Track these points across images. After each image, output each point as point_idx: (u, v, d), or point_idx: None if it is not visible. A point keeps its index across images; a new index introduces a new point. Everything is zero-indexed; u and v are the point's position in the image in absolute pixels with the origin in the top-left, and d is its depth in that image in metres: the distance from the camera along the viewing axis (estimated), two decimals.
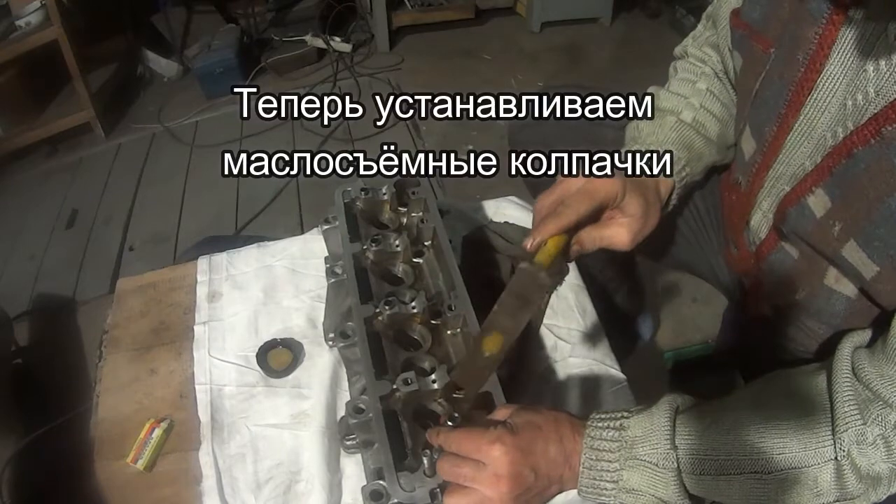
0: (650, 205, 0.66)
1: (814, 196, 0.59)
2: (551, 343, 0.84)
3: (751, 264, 0.75)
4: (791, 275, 0.69)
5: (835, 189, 0.57)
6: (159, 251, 1.84)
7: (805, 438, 0.51)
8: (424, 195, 0.84)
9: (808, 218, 0.61)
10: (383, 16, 2.56)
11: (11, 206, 2.09)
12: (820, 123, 0.58)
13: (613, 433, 0.56)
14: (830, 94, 0.56)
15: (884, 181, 0.51)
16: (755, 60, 0.65)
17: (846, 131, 0.55)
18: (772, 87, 0.63)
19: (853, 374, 0.52)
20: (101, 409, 0.81)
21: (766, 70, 0.63)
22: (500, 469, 0.53)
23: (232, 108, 2.41)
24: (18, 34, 2.04)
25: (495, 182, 1.93)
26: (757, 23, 0.64)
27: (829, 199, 0.58)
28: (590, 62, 2.58)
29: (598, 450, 0.56)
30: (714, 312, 1.45)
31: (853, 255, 0.57)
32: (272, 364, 0.82)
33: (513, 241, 0.91)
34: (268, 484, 0.71)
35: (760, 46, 0.64)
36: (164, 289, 0.95)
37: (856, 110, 0.54)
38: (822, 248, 0.61)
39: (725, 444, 0.54)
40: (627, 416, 0.58)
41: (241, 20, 2.70)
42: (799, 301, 0.69)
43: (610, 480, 0.55)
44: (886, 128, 0.50)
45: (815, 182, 0.59)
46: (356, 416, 0.62)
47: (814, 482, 0.51)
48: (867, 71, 0.52)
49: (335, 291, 0.82)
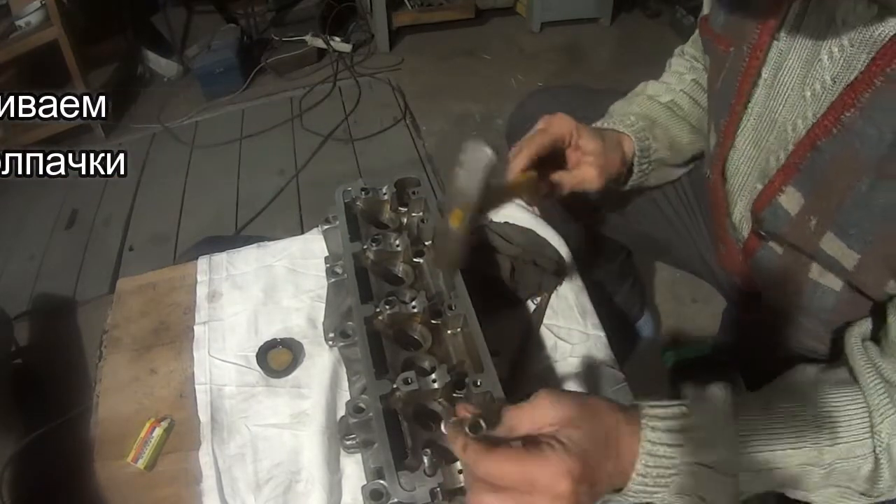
0: (608, 145, 0.74)
1: (785, 195, 0.60)
2: (551, 343, 0.84)
3: (739, 262, 0.76)
4: (778, 271, 0.69)
5: (805, 184, 0.58)
6: (159, 251, 1.84)
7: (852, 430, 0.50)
8: (425, 195, 0.84)
9: (783, 217, 0.61)
10: (383, 16, 2.56)
11: (11, 206, 2.09)
12: (779, 117, 0.60)
13: (674, 436, 0.49)
14: (787, 86, 0.58)
15: (850, 168, 0.52)
16: (718, 61, 0.67)
17: (806, 122, 0.56)
18: (727, 81, 0.65)
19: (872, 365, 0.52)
20: (101, 409, 0.81)
21: (726, 68, 0.65)
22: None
23: (232, 108, 2.41)
24: (18, 34, 2.04)
25: None
26: (720, 27, 0.67)
27: (802, 196, 0.58)
28: (590, 62, 2.59)
29: (656, 455, 0.49)
30: (714, 312, 1.45)
31: (832, 247, 0.57)
32: (272, 364, 0.82)
33: (513, 241, 0.91)
34: (268, 484, 0.71)
35: (721, 48, 0.66)
36: (164, 289, 0.95)
37: (815, 100, 0.55)
38: (802, 244, 0.62)
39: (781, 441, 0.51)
40: (688, 413, 0.51)
41: (241, 20, 2.70)
42: (789, 297, 0.69)
43: (663, 486, 0.49)
44: (845, 114, 0.51)
45: (784, 181, 0.59)
46: (356, 415, 0.62)
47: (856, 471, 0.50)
48: (822, 60, 0.53)
49: (335, 291, 0.82)
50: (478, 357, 0.67)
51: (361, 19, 2.78)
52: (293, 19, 2.67)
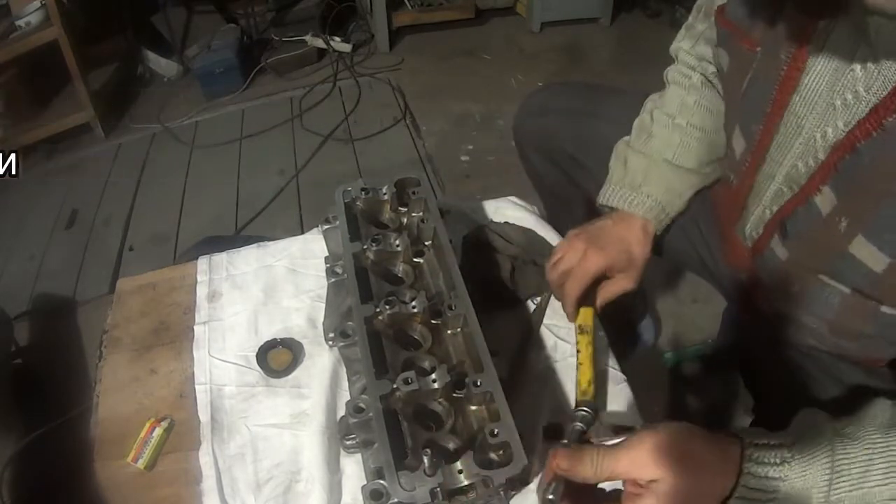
0: (635, 253, 0.81)
1: (821, 195, 0.59)
2: (551, 343, 0.84)
3: (747, 259, 0.75)
4: (786, 269, 0.69)
5: (840, 185, 0.57)
6: (159, 251, 1.84)
7: None
8: (424, 195, 0.84)
9: (815, 216, 0.60)
10: (383, 16, 2.56)
11: (11, 206, 2.09)
12: (807, 124, 0.58)
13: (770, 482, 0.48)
14: (816, 93, 0.57)
15: (889, 173, 0.51)
16: (742, 60, 0.65)
17: (837, 132, 0.55)
18: (758, 86, 0.63)
19: None
20: (101, 409, 0.81)
21: (753, 69, 0.64)
22: None
23: (232, 108, 2.41)
24: (18, 34, 2.04)
25: (496, 182, 1.94)
26: (741, 22, 0.65)
27: (835, 196, 0.57)
28: (590, 62, 2.59)
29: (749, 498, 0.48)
30: (714, 312, 1.45)
31: (862, 251, 0.57)
32: (272, 364, 0.82)
33: (513, 241, 0.91)
34: (268, 484, 0.71)
35: (746, 45, 0.64)
36: (164, 289, 0.95)
37: (846, 109, 0.54)
38: (828, 246, 0.61)
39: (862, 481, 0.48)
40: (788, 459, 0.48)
41: (241, 20, 2.70)
42: (794, 295, 0.69)
43: None
44: (888, 119, 0.50)
45: (822, 180, 0.58)
46: (356, 415, 0.62)
47: None
48: (854, 70, 0.52)
49: (335, 291, 0.82)
50: (478, 357, 0.67)
51: (361, 19, 2.78)
52: (293, 19, 2.67)
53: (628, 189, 0.82)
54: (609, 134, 0.89)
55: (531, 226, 0.96)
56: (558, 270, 0.80)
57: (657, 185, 0.81)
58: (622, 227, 0.82)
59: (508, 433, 0.60)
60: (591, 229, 0.82)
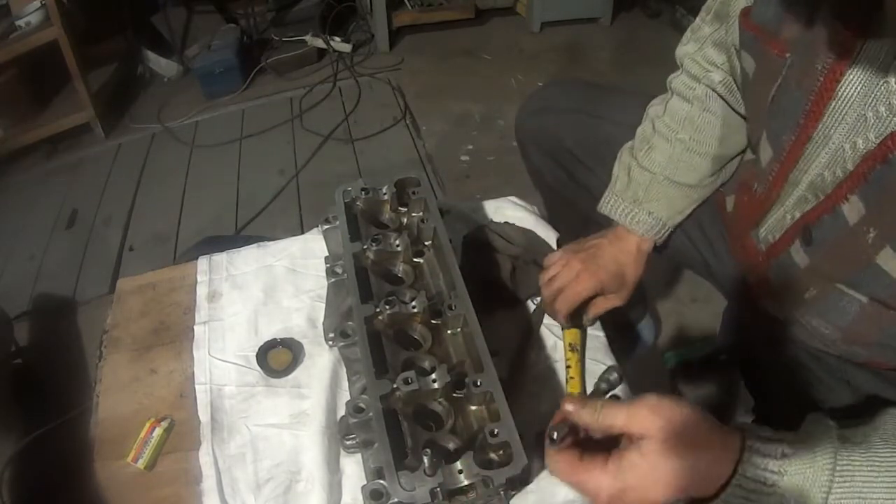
0: (628, 275, 0.84)
1: (848, 203, 0.57)
2: (551, 343, 0.84)
3: (759, 262, 0.74)
4: (802, 276, 0.67)
5: (870, 195, 0.55)
6: (159, 251, 1.84)
7: None
8: (424, 195, 0.84)
9: (841, 226, 0.59)
10: (383, 16, 2.56)
11: (11, 206, 2.09)
12: (836, 134, 0.57)
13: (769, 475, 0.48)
14: (847, 105, 0.55)
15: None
16: (770, 65, 0.63)
17: (867, 142, 0.53)
18: (789, 95, 0.61)
19: None
20: (101, 409, 0.81)
21: (783, 76, 0.62)
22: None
23: (232, 108, 2.41)
24: (18, 34, 2.04)
25: (496, 182, 1.94)
26: (769, 25, 0.63)
27: (864, 206, 0.56)
28: (590, 62, 2.59)
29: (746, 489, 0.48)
30: (714, 312, 1.45)
31: (889, 263, 0.55)
32: (272, 364, 0.82)
33: (513, 241, 0.91)
34: (268, 484, 0.71)
35: (775, 51, 0.62)
36: (164, 289, 0.95)
37: (878, 121, 0.52)
38: (853, 255, 0.59)
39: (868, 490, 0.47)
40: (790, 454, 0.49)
41: (241, 20, 2.70)
42: (807, 301, 0.68)
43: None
44: None
45: (850, 189, 0.57)
46: (356, 415, 0.62)
47: None
48: (889, 82, 0.51)
49: (335, 291, 0.82)
50: (478, 357, 0.67)
51: (361, 19, 2.78)
52: (293, 19, 2.67)
53: (630, 203, 0.83)
54: (611, 132, 0.89)
55: (531, 226, 0.96)
56: (552, 288, 0.82)
57: (658, 202, 0.81)
58: (617, 248, 0.83)
59: (508, 433, 0.60)
60: (587, 247, 0.84)
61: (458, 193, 1.92)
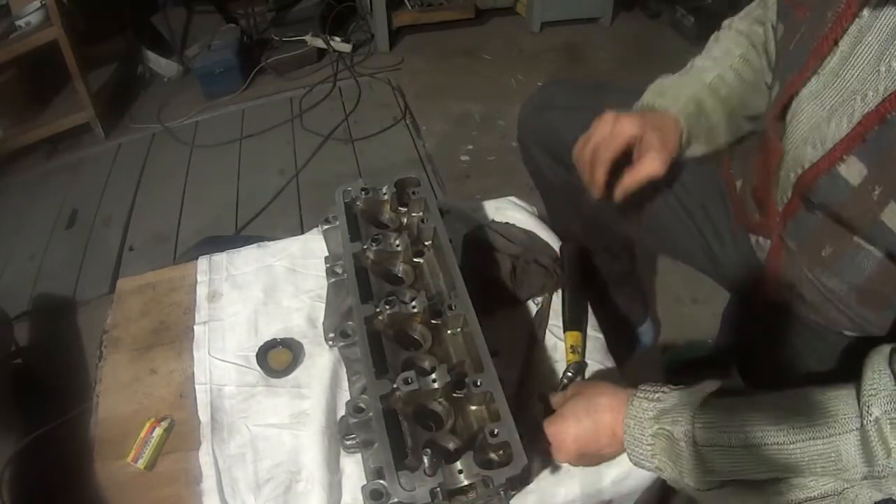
0: (667, 133, 0.78)
1: (846, 165, 0.59)
2: (551, 343, 0.84)
3: (776, 224, 0.74)
4: (818, 234, 0.68)
5: (870, 155, 0.57)
6: (159, 251, 1.83)
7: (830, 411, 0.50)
8: (424, 195, 0.84)
9: (843, 188, 0.60)
10: (383, 16, 2.56)
11: (11, 206, 2.09)
12: (851, 84, 0.58)
13: (650, 404, 0.61)
14: (862, 57, 0.57)
15: None
16: (794, 26, 0.67)
17: (877, 95, 0.55)
18: (802, 41, 0.64)
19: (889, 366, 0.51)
20: (101, 409, 0.81)
21: (801, 32, 0.65)
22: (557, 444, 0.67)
23: (232, 108, 2.41)
24: (18, 34, 2.04)
25: (496, 182, 1.94)
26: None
27: (865, 166, 0.58)
28: (590, 62, 2.58)
29: (637, 418, 0.61)
30: (714, 312, 1.44)
31: (894, 219, 0.57)
32: (272, 364, 0.82)
33: (514, 240, 0.91)
34: (268, 484, 0.71)
35: (799, 13, 0.66)
36: (164, 289, 0.95)
37: (889, 75, 0.54)
38: (860, 214, 0.61)
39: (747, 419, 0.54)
40: (667, 390, 0.62)
41: (241, 20, 2.70)
42: (824, 259, 0.68)
43: (647, 444, 0.60)
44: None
45: (846, 150, 0.59)
46: (356, 415, 0.62)
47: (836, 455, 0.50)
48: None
49: (335, 291, 0.82)
50: (478, 357, 0.67)
51: (361, 19, 2.78)
52: (293, 19, 2.67)
53: (657, 95, 0.82)
54: None
55: (531, 227, 0.96)
56: (589, 146, 0.78)
57: (688, 91, 0.80)
58: (653, 114, 0.80)
59: (508, 433, 0.60)
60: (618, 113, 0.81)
61: (458, 193, 1.92)
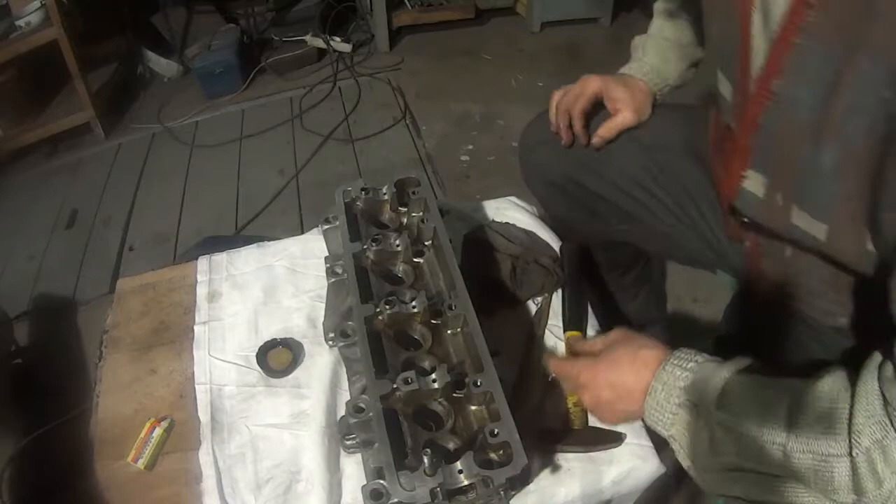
0: (634, 92, 0.91)
1: (748, 179, 0.61)
2: (551, 344, 0.84)
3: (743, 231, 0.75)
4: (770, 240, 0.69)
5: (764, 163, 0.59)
6: (159, 251, 1.84)
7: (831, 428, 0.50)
8: (424, 195, 0.84)
9: (753, 201, 0.62)
10: (383, 16, 2.56)
11: (11, 206, 2.09)
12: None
13: (683, 373, 0.60)
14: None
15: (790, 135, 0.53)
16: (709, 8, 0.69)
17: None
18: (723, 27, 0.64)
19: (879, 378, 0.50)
20: (101, 409, 0.81)
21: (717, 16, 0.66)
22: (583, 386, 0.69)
23: (232, 108, 2.41)
24: (18, 34, 2.04)
25: (496, 182, 1.94)
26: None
27: (763, 176, 0.59)
28: (590, 62, 2.58)
29: (667, 384, 0.61)
30: (714, 312, 1.45)
31: (802, 221, 0.58)
32: (272, 364, 0.82)
33: (514, 240, 0.91)
34: (268, 484, 0.71)
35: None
36: (164, 289, 0.95)
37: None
38: (775, 224, 0.62)
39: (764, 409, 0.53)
40: (700, 360, 0.61)
41: (241, 20, 2.70)
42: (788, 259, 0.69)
43: (671, 413, 0.60)
44: (775, 82, 0.52)
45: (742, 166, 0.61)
46: (356, 415, 0.62)
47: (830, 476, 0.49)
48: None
49: (335, 291, 0.82)
50: (478, 357, 0.67)
51: (361, 19, 2.78)
52: (293, 19, 2.67)
53: (632, 61, 0.97)
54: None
55: (531, 227, 0.96)
56: (563, 102, 0.92)
57: (654, 54, 0.94)
58: (624, 79, 0.94)
59: (508, 433, 0.60)
60: None
61: (458, 193, 1.92)
